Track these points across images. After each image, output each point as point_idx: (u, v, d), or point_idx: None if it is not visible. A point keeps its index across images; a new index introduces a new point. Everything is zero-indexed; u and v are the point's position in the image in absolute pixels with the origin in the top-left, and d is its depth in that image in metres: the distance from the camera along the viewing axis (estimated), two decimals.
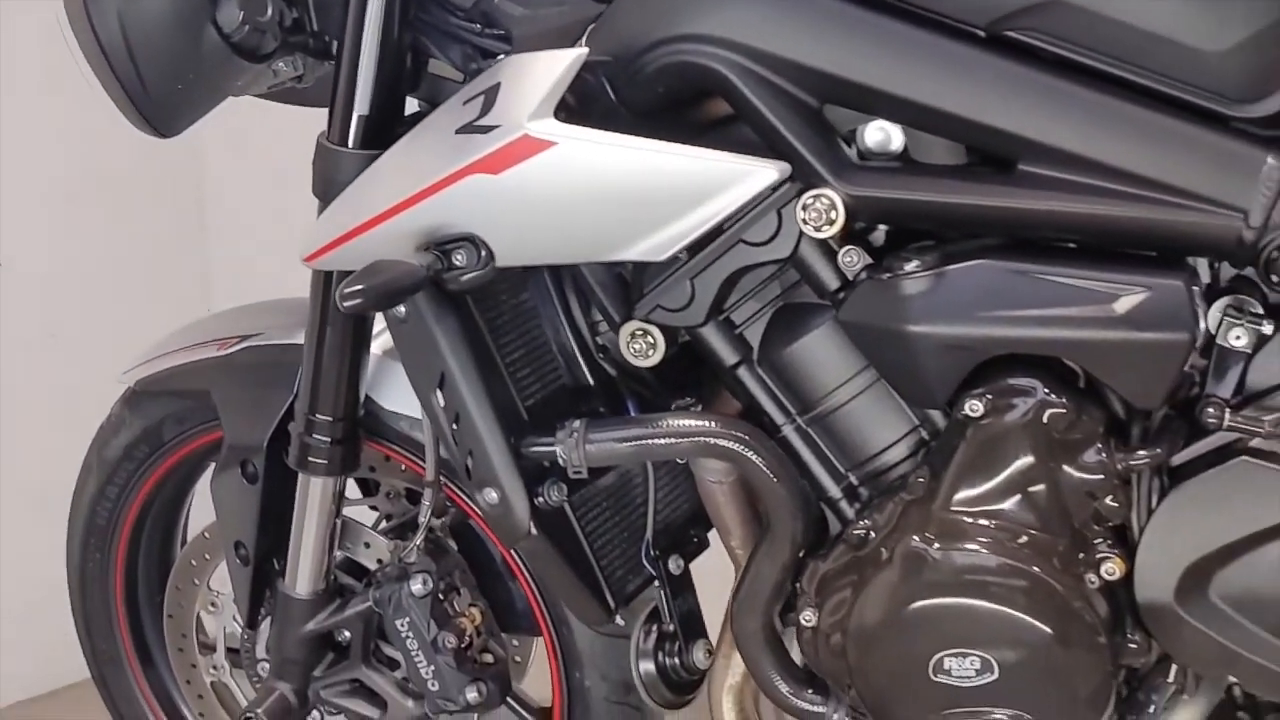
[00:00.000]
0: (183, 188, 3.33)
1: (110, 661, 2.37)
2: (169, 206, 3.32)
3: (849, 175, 1.56)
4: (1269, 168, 1.47)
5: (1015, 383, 1.57)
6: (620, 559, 1.90)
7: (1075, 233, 1.54)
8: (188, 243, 3.34)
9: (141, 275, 3.24)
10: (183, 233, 3.34)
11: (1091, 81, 1.52)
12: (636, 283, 1.72)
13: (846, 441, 1.70)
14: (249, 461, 2.04)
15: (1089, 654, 1.55)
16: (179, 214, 3.35)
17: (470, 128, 1.60)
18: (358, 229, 1.67)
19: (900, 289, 1.55)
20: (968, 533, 1.57)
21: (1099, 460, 1.56)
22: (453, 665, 1.97)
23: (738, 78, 1.57)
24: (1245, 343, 1.52)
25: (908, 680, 1.59)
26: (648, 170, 1.57)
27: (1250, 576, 1.53)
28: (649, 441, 1.71)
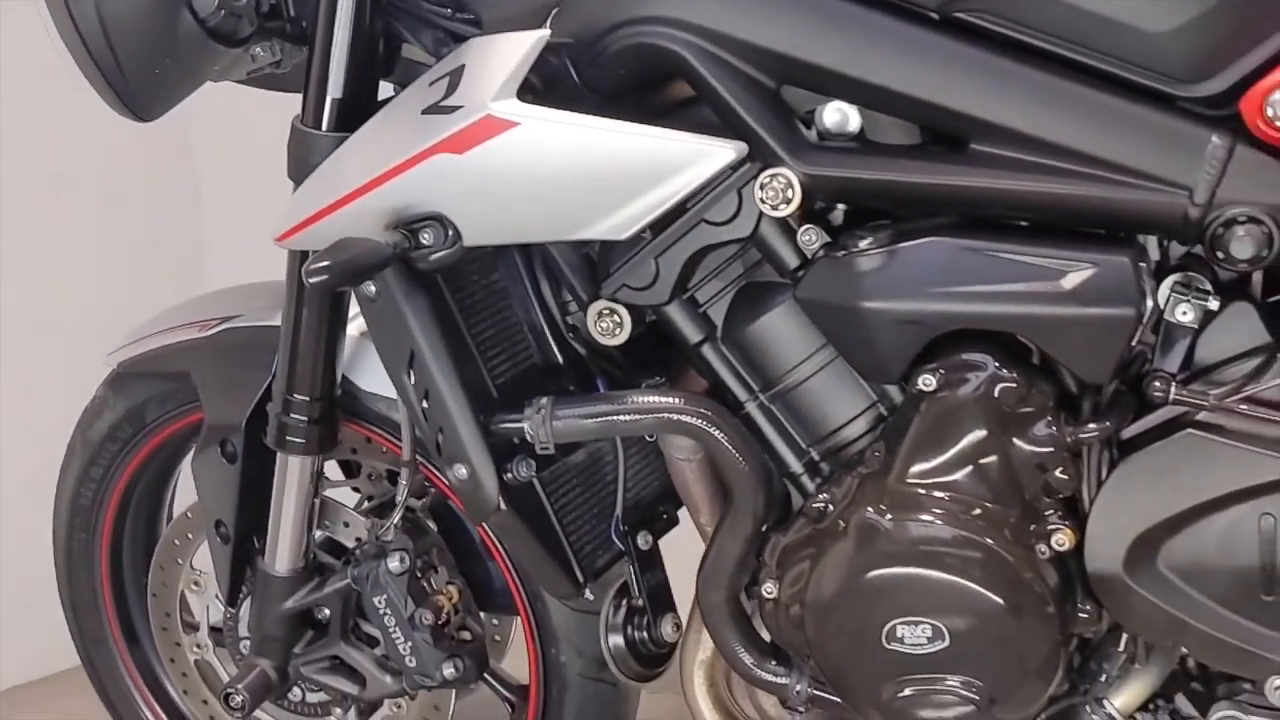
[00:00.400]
0: (178, 174, 3.36)
1: (96, 641, 2.40)
2: (164, 193, 3.35)
3: (805, 155, 1.59)
4: (1213, 146, 1.50)
5: (967, 358, 1.60)
6: (590, 534, 1.93)
7: (1026, 210, 1.57)
8: (183, 230, 3.37)
9: (138, 264, 3.27)
10: (178, 220, 3.37)
11: (1040, 62, 1.55)
12: (603, 262, 1.76)
13: (807, 417, 1.74)
14: (228, 441, 2.07)
15: (1038, 623, 1.58)
16: (174, 199, 3.37)
17: (435, 108, 1.63)
18: (327, 209, 1.70)
19: (854, 266, 1.59)
20: (920, 504, 1.60)
21: (1049, 433, 1.59)
22: (430, 642, 2.00)
23: (696, 59, 1.60)
24: (1192, 318, 1.55)
25: (862, 649, 1.62)
26: (607, 150, 1.60)
27: (1196, 546, 1.56)
28: (614, 418, 1.74)
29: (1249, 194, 1.49)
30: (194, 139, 3.29)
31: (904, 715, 1.63)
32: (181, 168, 3.36)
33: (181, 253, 3.36)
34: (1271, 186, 1.49)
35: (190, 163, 3.37)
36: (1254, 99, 1.47)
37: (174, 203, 3.38)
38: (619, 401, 1.75)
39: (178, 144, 3.26)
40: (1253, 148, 1.49)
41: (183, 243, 3.37)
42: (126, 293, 3.13)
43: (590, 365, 1.91)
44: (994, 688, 1.60)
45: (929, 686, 1.61)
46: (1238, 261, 1.50)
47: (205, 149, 3.36)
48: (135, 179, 3.27)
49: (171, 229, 3.36)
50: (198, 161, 3.38)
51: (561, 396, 1.78)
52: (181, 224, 3.37)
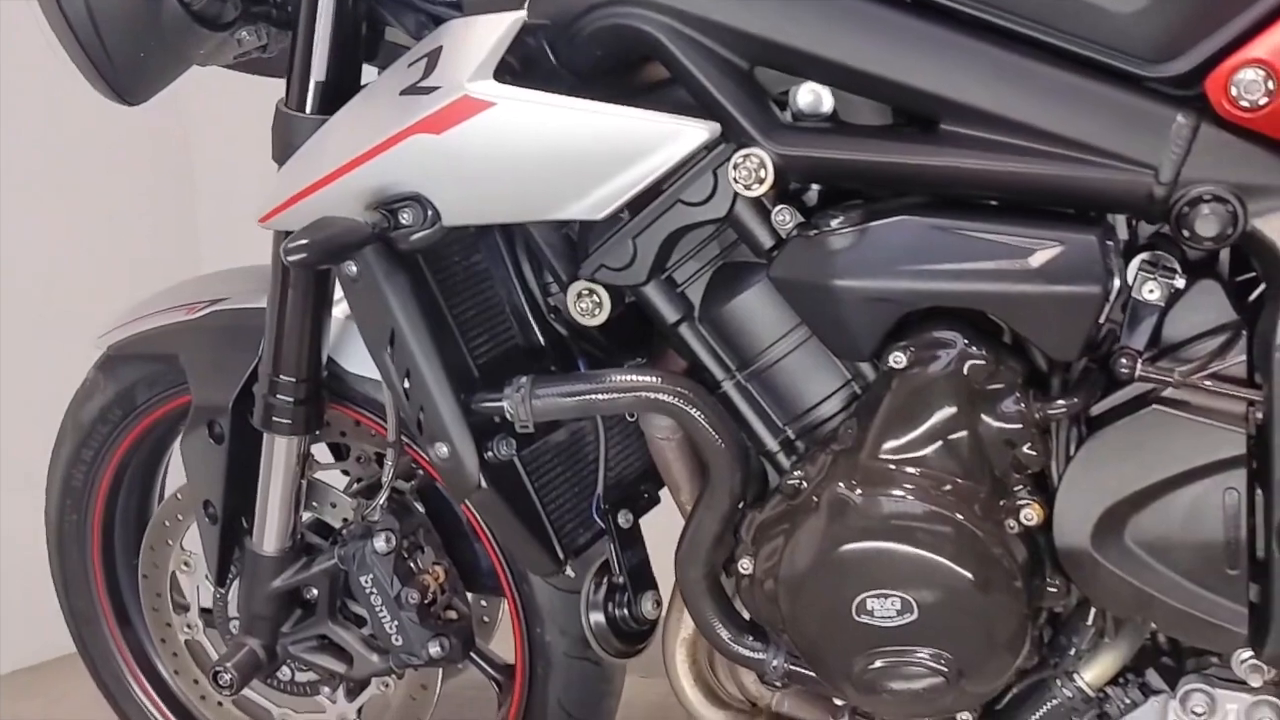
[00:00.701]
0: (173, 159, 3.39)
1: (88, 621, 2.43)
2: (159, 178, 3.37)
3: (778, 135, 1.61)
4: (1178, 126, 1.51)
5: (938, 335, 1.62)
6: (571, 513, 1.95)
7: (995, 190, 1.59)
8: (179, 214, 3.39)
9: (133, 248, 3.29)
10: (174, 205, 3.39)
11: (1010, 44, 1.57)
12: (582, 243, 1.78)
13: (783, 396, 1.76)
14: (215, 422, 2.10)
15: (1005, 596, 1.60)
16: (169, 184, 3.40)
17: (413, 89, 1.65)
18: (309, 189, 1.72)
19: (825, 245, 1.60)
20: (891, 480, 1.62)
21: (1018, 410, 1.61)
22: (416, 621, 2.02)
23: (669, 40, 1.62)
24: (1158, 296, 1.57)
25: (833, 622, 1.63)
26: (582, 130, 1.62)
27: (1162, 521, 1.58)
28: (592, 397, 1.76)
29: (1214, 173, 1.51)
30: (189, 124, 3.32)
31: (874, 687, 1.65)
32: (176, 152, 3.39)
33: (176, 237, 3.37)
34: (1236, 165, 1.51)
35: (185, 147, 3.40)
36: (1219, 79, 1.49)
37: (169, 188, 3.40)
38: (597, 381, 1.77)
39: (172, 129, 3.29)
40: (1217, 127, 1.51)
41: (177, 227, 3.39)
42: (123, 277, 3.15)
43: (572, 346, 1.93)
44: (962, 660, 1.61)
45: (899, 659, 1.63)
46: (1203, 240, 1.51)
47: (199, 134, 3.39)
48: (130, 165, 3.30)
49: (166, 213, 3.39)
50: (192, 146, 3.41)
51: (541, 376, 1.79)
52: (177, 208, 3.39)
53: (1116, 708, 1.72)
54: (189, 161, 3.42)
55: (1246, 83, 1.47)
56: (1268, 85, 1.46)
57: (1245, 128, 1.50)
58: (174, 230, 3.40)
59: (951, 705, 1.67)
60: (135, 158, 3.32)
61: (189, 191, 3.42)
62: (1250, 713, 1.65)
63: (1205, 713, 1.66)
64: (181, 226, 3.41)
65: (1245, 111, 1.48)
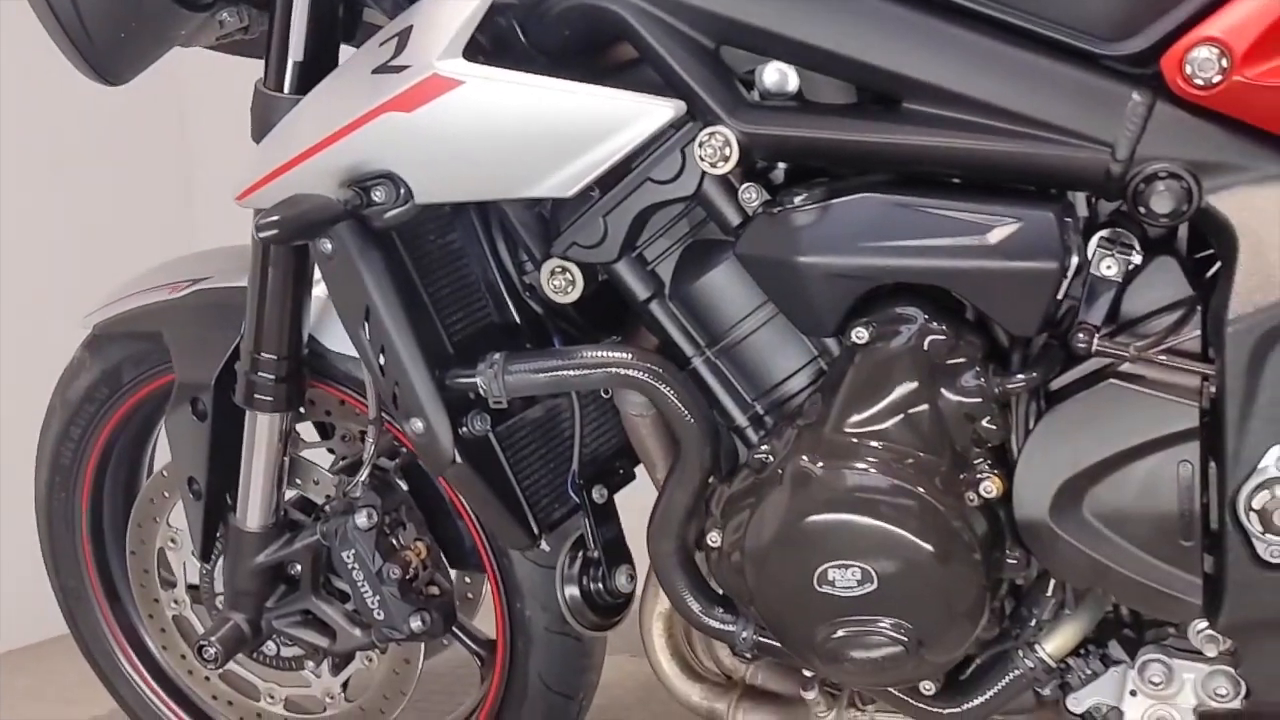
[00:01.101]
0: (168, 142, 3.42)
1: (77, 598, 2.45)
2: (155, 161, 3.40)
3: (742, 113, 1.64)
4: (1133, 104, 1.54)
5: (899, 311, 1.65)
6: (546, 488, 1.97)
7: (956, 167, 1.61)
8: (175, 196, 3.42)
9: (130, 232, 3.32)
10: (169, 188, 3.42)
11: (970, 23, 1.59)
12: (554, 221, 1.81)
13: (751, 371, 1.78)
14: (198, 400, 2.12)
15: (963, 568, 1.62)
16: (165, 167, 3.43)
17: (384, 68, 1.68)
18: (283, 167, 1.75)
19: (789, 222, 1.63)
20: (853, 453, 1.64)
21: (977, 384, 1.63)
22: (397, 596, 2.05)
23: (635, 19, 1.64)
24: (1115, 272, 1.59)
25: (796, 593, 1.65)
26: (549, 108, 1.65)
27: (1118, 493, 1.60)
28: (563, 373, 1.79)
29: (1169, 150, 1.53)
30: (185, 106, 3.35)
31: (837, 656, 1.67)
32: (172, 134, 3.42)
33: (172, 219, 3.40)
34: (1190, 143, 1.53)
35: (181, 129, 3.43)
36: (1174, 57, 1.51)
37: (165, 169, 3.43)
38: (569, 357, 1.80)
39: (168, 111, 3.32)
40: (1173, 105, 1.54)
41: (174, 209, 3.42)
42: (120, 259, 3.16)
43: (548, 324, 1.95)
44: (922, 629, 1.64)
45: (860, 628, 1.65)
46: (1158, 216, 1.54)
47: (195, 115, 3.41)
48: (127, 146, 3.33)
49: (163, 195, 3.41)
50: (188, 127, 3.43)
51: (514, 352, 1.82)
52: (173, 190, 3.42)
53: (1078, 678, 1.74)
54: (185, 143, 3.44)
55: (1200, 61, 1.49)
56: (1221, 63, 1.49)
57: (1200, 105, 1.52)
58: (170, 212, 3.42)
59: (912, 673, 1.69)
60: (131, 140, 3.34)
61: (185, 173, 3.44)
62: (1206, 682, 1.67)
63: (1162, 682, 1.68)
64: (178, 208, 3.43)
65: (1199, 89, 1.50)
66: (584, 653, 2.21)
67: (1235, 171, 1.52)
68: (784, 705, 1.97)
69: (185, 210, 3.41)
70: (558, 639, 2.15)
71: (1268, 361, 1.51)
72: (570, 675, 2.21)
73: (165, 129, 3.39)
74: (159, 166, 3.42)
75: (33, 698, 3.07)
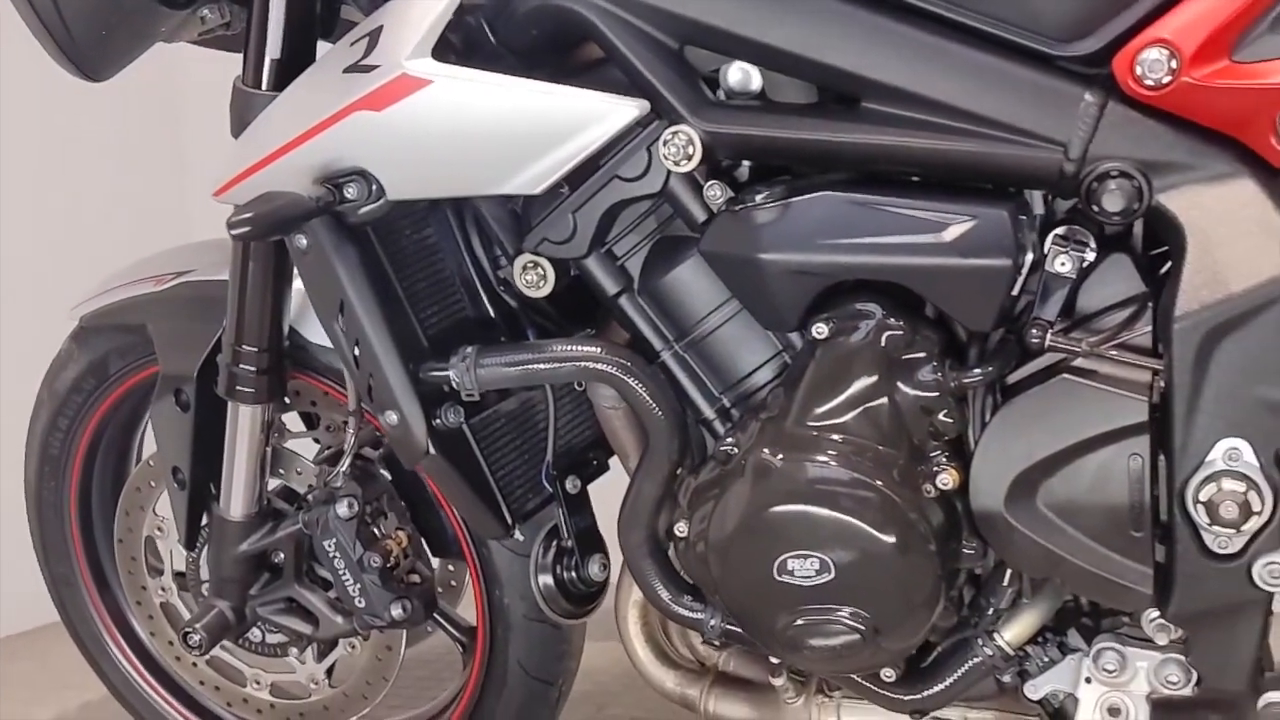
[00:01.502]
0: (164, 137, 3.44)
1: (67, 584, 2.50)
2: (150, 157, 3.43)
3: (705, 112, 1.67)
4: (1086, 104, 1.57)
5: (858, 307, 1.68)
6: (521, 479, 2.01)
7: (913, 165, 1.64)
8: (168, 198, 3.45)
9: (126, 228, 3.35)
10: (164, 183, 3.45)
11: (927, 24, 1.62)
12: (525, 217, 1.84)
13: (719, 365, 1.81)
14: (182, 391, 2.16)
15: (918, 558, 1.64)
16: (161, 162, 3.45)
17: (355, 67, 1.71)
18: (258, 164, 1.78)
19: (750, 219, 1.66)
20: (813, 445, 1.66)
21: (934, 379, 1.66)
22: (378, 584, 2.08)
23: (599, 20, 1.67)
24: (1069, 269, 1.61)
25: (757, 582, 1.68)
26: (515, 107, 1.68)
27: (1072, 485, 1.62)
28: (534, 366, 1.82)
29: (1120, 149, 1.56)
30: (179, 101, 3.37)
31: (797, 644, 1.70)
32: (167, 129, 3.44)
33: (166, 214, 3.42)
34: (1141, 142, 1.56)
35: (175, 124, 3.45)
36: (1125, 58, 1.54)
37: (160, 165, 3.45)
38: (539, 351, 1.83)
39: (163, 107, 3.35)
40: (1124, 105, 1.56)
41: (168, 204, 3.44)
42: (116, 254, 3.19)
43: (522, 318, 1.99)
44: (878, 618, 1.66)
45: (820, 617, 1.68)
46: (1110, 214, 1.56)
47: (189, 110, 3.43)
48: (122, 143, 3.36)
49: (157, 190, 3.44)
50: (182, 123, 3.45)
51: (487, 346, 1.85)
52: (167, 187, 3.44)
53: (1036, 665, 1.77)
54: (180, 137, 3.47)
55: (1150, 62, 1.52)
56: (1170, 64, 1.51)
57: (1150, 106, 1.55)
58: (165, 206, 3.45)
59: (870, 661, 1.72)
60: (127, 135, 3.38)
61: (179, 166, 3.47)
62: (1158, 670, 1.70)
63: (1116, 670, 1.71)
64: (172, 201, 3.45)
65: (1149, 90, 1.53)
66: (563, 640, 2.25)
67: (1184, 170, 1.55)
68: (755, 691, 2.00)
69: (179, 204, 3.43)
70: (536, 626, 2.19)
71: (1214, 357, 1.54)
72: (549, 662, 2.24)
73: (161, 123, 3.42)
74: (154, 160, 3.44)
75: (29, 683, 3.11)
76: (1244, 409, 1.55)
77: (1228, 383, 1.55)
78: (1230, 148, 1.54)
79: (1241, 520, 1.56)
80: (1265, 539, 1.57)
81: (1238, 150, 1.54)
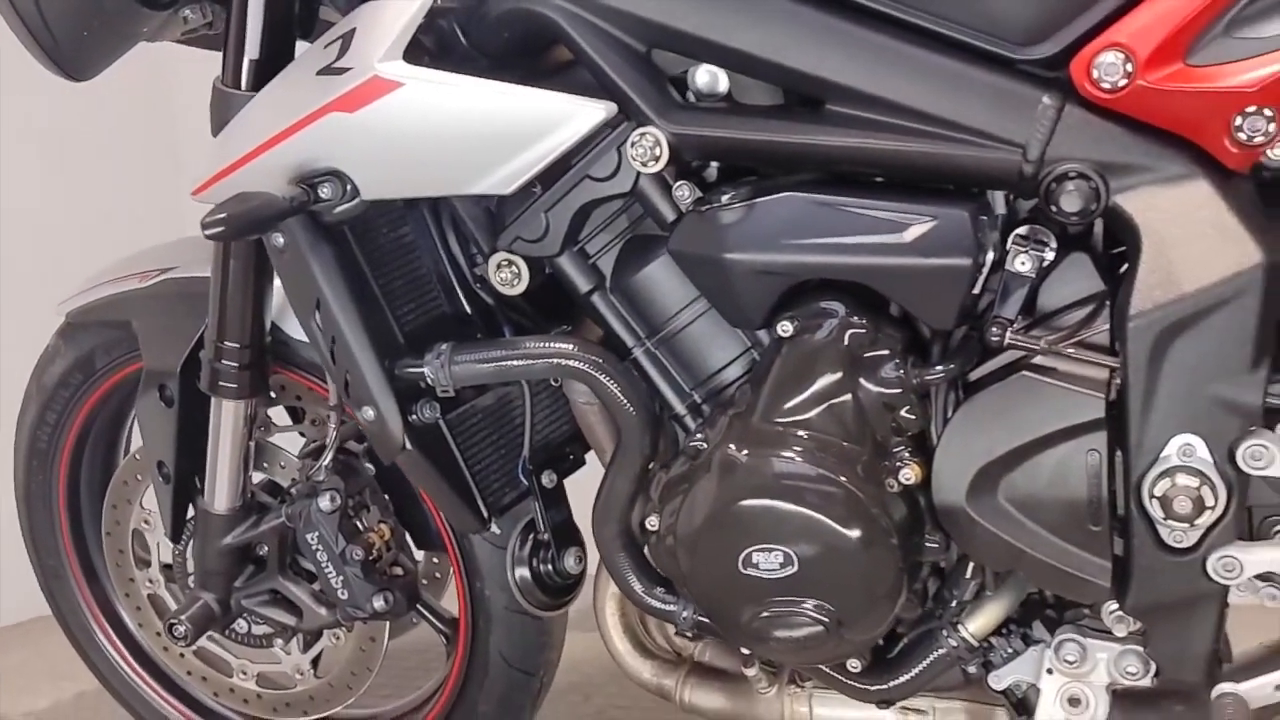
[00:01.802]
0: (160, 136, 3.46)
1: (57, 577, 2.53)
2: (145, 155, 3.45)
3: (672, 115, 1.70)
4: (1043, 106, 1.59)
5: (822, 305, 1.71)
6: (497, 473, 2.04)
7: (876, 167, 1.67)
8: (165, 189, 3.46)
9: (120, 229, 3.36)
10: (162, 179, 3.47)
11: (890, 29, 1.64)
12: (500, 216, 1.87)
13: (689, 362, 1.84)
14: (166, 386, 2.19)
15: (881, 551, 1.67)
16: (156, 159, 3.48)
17: (329, 69, 1.74)
18: (235, 164, 1.81)
19: (716, 220, 1.69)
20: (778, 441, 1.69)
21: (896, 375, 1.68)
22: (360, 576, 2.11)
23: (568, 24, 1.70)
24: (1029, 268, 1.64)
25: (723, 575, 1.71)
26: (485, 108, 1.71)
27: (1031, 480, 1.65)
28: (508, 363, 1.85)
29: (1078, 150, 1.59)
30: (175, 99, 3.39)
31: (762, 635, 1.73)
32: (162, 127, 3.46)
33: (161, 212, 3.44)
34: (1098, 144, 1.58)
35: (170, 123, 3.47)
36: (1082, 62, 1.56)
37: (157, 161, 3.47)
38: (513, 347, 1.86)
39: (159, 105, 3.37)
40: (1081, 107, 1.59)
41: (162, 201, 3.45)
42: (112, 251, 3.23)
43: (498, 315, 2.01)
44: (841, 610, 1.69)
45: (784, 609, 1.70)
46: (1069, 215, 1.59)
47: (186, 108, 3.42)
48: (119, 141, 3.39)
49: (153, 187, 3.46)
50: (177, 122, 3.47)
51: (461, 343, 1.88)
52: (163, 183, 3.46)
53: (1000, 656, 1.80)
54: (175, 135, 3.49)
55: (1106, 65, 1.55)
56: (1126, 68, 1.54)
57: (1107, 108, 1.58)
58: (161, 204, 3.46)
59: (834, 652, 1.75)
60: (123, 133, 3.40)
61: (175, 164, 3.49)
62: (1118, 661, 1.73)
63: (1077, 661, 1.74)
64: (168, 198, 3.47)
65: (1106, 93, 1.56)
66: (543, 631, 2.28)
67: (1141, 172, 1.57)
68: (729, 682, 2.03)
69: (175, 202, 3.44)
70: (517, 618, 2.22)
71: (1167, 355, 1.57)
72: (530, 653, 2.28)
73: (157, 121, 3.44)
74: (149, 158, 3.46)
75: (23, 673, 3.14)
76: (1197, 406, 1.58)
77: (1181, 380, 1.57)
78: (1185, 150, 1.57)
79: (1195, 515, 1.58)
80: (1219, 533, 1.60)
81: (1193, 152, 1.57)
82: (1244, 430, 1.58)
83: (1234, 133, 1.53)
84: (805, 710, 1.95)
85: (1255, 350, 1.56)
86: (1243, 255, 1.55)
